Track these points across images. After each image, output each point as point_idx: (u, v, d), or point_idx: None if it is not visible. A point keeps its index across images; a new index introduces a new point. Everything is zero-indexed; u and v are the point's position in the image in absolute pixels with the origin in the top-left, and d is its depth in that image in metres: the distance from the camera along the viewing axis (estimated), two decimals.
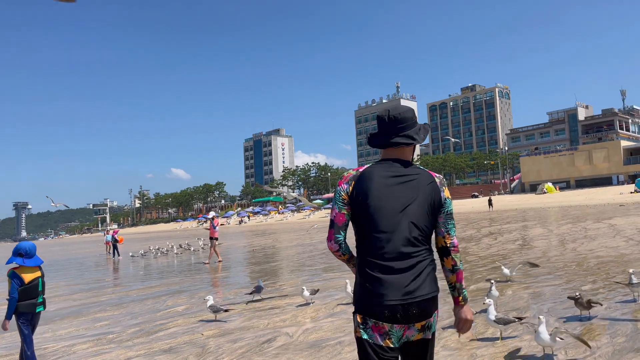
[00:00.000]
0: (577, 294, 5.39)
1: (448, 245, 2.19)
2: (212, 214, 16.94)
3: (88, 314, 8.11)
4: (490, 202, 49.99)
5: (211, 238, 15.76)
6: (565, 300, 6.36)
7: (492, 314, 4.81)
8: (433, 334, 2.15)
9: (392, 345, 2.07)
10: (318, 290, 7.57)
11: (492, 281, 6.29)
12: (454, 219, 2.25)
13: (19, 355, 4.61)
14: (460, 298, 2.21)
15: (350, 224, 2.27)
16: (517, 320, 4.81)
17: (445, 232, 2.21)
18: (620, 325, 5.04)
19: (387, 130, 2.30)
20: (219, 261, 15.88)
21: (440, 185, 2.23)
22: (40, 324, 7.43)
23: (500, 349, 4.55)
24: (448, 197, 2.25)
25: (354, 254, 2.28)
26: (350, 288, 6.97)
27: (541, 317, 4.20)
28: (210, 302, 6.59)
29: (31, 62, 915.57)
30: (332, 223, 2.27)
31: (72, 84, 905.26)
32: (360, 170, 2.27)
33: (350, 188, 2.24)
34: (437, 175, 2.26)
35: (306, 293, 7.19)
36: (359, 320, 2.11)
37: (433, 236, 2.22)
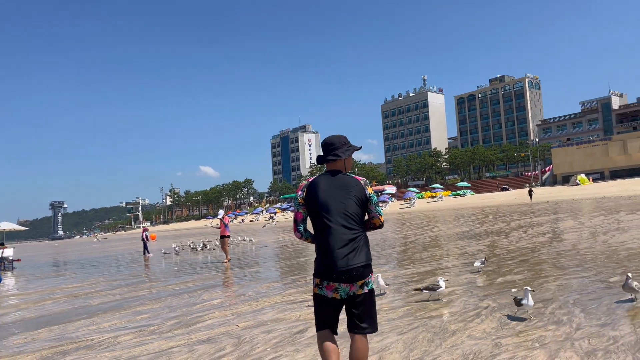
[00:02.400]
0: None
1: (382, 222, 3.35)
2: (221, 212, 16.78)
3: (129, 307, 8.52)
4: (530, 193, 50.33)
5: (222, 236, 15.79)
6: (592, 292, 6.44)
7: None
8: (371, 290, 3.21)
9: (339, 298, 3.15)
10: None
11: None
12: (379, 205, 3.33)
13: None
14: None
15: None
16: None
17: (377, 214, 3.31)
18: None
19: (324, 152, 3.35)
20: (227, 260, 15.56)
21: (364, 185, 3.25)
22: (85, 318, 7.89)
23: (524, 337, 4.69)
24: (371, 193, 3.26)
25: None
26: (382, 281, 7.26)
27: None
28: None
29: (66, 65, 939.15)
30: (294, 219, 3.36)
31: (104, 87, 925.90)
32: (310, 180, 3.32)
33: (304, 194, 3.29)
34: (361, 178, 3.28)
35: None
36: (317, 282, 3.20)
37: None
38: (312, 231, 3.38)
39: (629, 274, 5.71)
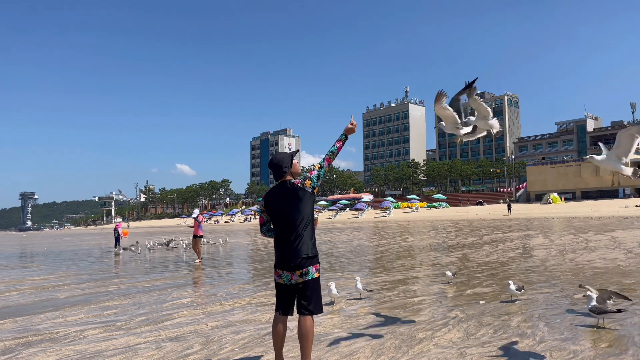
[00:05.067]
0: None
1: (324, 166, 4.20)
2: (196, 211, 16.45)
3: (97, 302, 8.40)
4: (509, 207, 52.87)
5: (195, 236, 15.56)
6: (557, 307, 6.60)
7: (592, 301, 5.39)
8: (311, 279, 3.97)
9: (283, 283, 4.02)
10: None
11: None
12: (316, 178, 4.10)
13: None
14: (341, 140, 4.34)
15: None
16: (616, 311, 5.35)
17: (319, 169, 4.18)
18: (606, 332, 5.28)
19: (276, 170, 4.11)
20: (199, 260, 15.30)
21: (302, 185, 4.03)
22: (51, 310, 7.76)
23: (488, 348, 4.79)
24: (308, 185, 4.04)
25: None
26: (360, 285, 7.57)
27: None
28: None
29: (40, 54, 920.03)
30: (259, 223, 4.25)
31: (81, 78, 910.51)
32: (266, 192, 4.18)
33: (263, 202, 4.17)
34: (298, 181, 4.06)
35: None
36: (274, 270, 4.09)
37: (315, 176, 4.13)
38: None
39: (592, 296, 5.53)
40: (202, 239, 16.38)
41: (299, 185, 4.03)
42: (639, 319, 5.76)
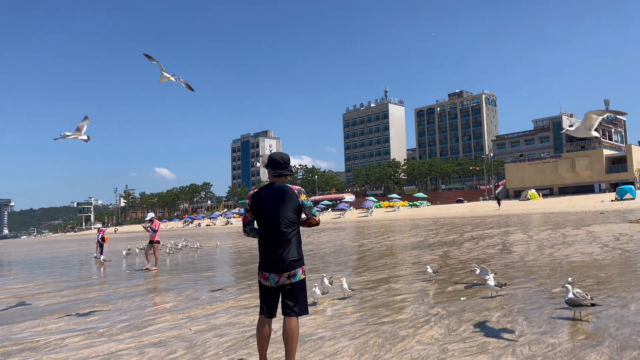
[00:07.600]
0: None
1: (318, 221, 4.18)
2: (150, 215, 15.47)
3: (77, 309, 8.30)
4: (499, 202, 55.16)
5: (151, 242, 14.62)
6: (535, 301, 6.74)
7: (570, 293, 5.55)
8: (298, 281, 3.97)
9: (269, 285, 3.98)
10: None
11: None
12: (314, 207, 4.11)
13: None
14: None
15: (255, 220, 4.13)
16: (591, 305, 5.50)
17: (312, 215, 4.12)
18: (583, 324, 5.42)
19: (275, 165, 4.07)
20: (153, 269, 14.32)
21: (297, 194, 4.02)
22: (31, 319, 7.65)
23: (470, 343, 4.88)
24: (304, 199, 4.04)
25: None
26: (346, 285, 7.67)
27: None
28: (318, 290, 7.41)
29: (11, 58, 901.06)
30: (243, 222, 4.22)
31: (56, 82, 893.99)
32: (255, 191, 4.10)
33: (249, 202, 4.09)
34: (296, 187, 4.05)
35: None
36: (258, 272, 4.07)
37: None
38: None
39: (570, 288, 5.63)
40: (159, 245, 15.26)
41: (295, 191, 4.02)
42: (614, 311, 5.92)
